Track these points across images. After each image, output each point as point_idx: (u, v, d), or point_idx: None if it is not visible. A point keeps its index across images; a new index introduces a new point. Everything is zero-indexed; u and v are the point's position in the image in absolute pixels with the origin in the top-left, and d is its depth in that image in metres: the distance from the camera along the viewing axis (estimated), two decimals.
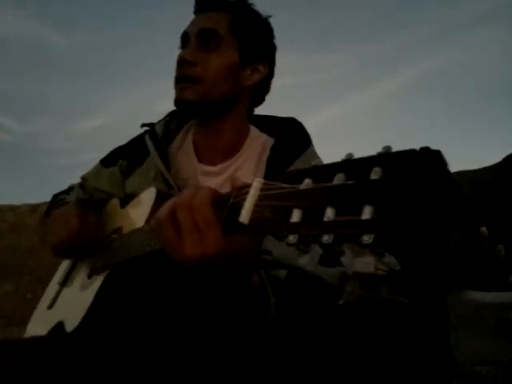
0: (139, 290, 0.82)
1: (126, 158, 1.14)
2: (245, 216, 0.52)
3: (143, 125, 1.11)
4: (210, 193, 0.59)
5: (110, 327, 0.86)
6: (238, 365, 0.79)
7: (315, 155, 1.00)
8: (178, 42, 1.04)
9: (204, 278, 0.64)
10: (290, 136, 1.01)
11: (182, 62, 0.96)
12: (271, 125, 1.06)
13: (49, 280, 1.19)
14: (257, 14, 1.05)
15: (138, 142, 1.13)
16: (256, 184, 0.54)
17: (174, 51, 1.03)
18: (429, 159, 0.40)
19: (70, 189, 1.20)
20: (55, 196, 1.20)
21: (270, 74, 1.06)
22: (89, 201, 1.05)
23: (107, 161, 1.18)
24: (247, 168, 1.00)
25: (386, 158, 0.43)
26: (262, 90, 1.07)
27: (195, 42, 0.97)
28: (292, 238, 0.46)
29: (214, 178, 1.01)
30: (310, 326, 0.77)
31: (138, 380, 0.84)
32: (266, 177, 0.96)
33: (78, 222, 0.94)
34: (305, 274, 0.80)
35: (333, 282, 0.81)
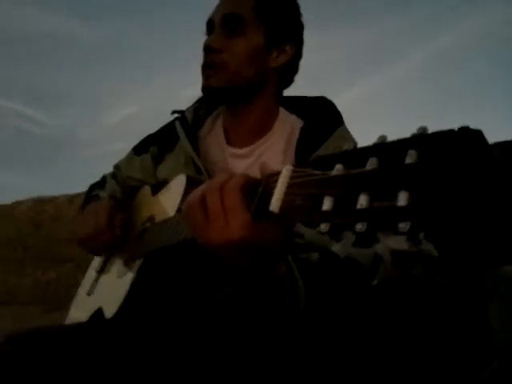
0: (171, 278, 0.83)
1: (157, 145, 1.15)
2: (275, 205, 0.51)
3: (173, 112, 1.12)
4: (240, 179, 0.59)
5: (145, 314, 0.88)
6: (271, 349, 0.79)
7: (347, 134, 0.97)
8: (203, 27, 1.03)
9: (229, 264, 0.63)
10: (319, 116, 0.98)
11: (207, 50, 0.96)
12: (301, 106, 1.03)
13: (87, 267, 1.23)
14: None
15: (168, 128, 1.13)
16: (285, 171, 0.53)
17: (200, 37, 1.03)
18: (468, 140, 0.38)
19: (104, 180, 1.22)
20: (91, 188, 1.23)
21: (298, 55, 1.04)
22: (120, 197, 1.08)
23: (139, 148, 1.20)
24: (276, 150, 0.99)
25: (422, 140, 0.41)
26: (290, 71, 1.04)
27: (220, 28, 0.97)
28: (324, 227, 0.45)
29: (243, 160, 1.01)
30: (343, 308, 0.76)
31: (173, 364, 0.86)
32: (297, 159, 0.96)
33: (106, 219, 0.97)
34: (337, 256, 0.79)
35: (366, 263, 0.80)
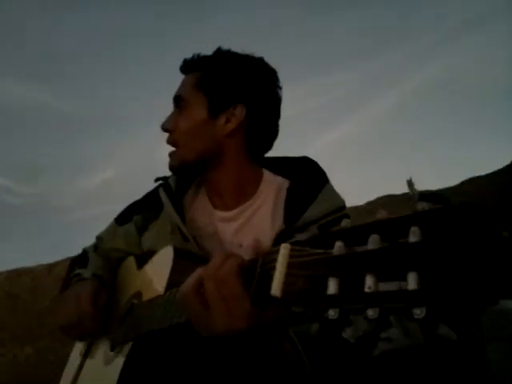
0: (166, 365, 0.78)
1: (140, 214, 1.12)
2: (276, 288, 0.49)
3: (157, 179, 1.10)
4: (235, 262, 0.56)
5: None
6: None
7: (334, 193, 0.97)
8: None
9: (231, 348, 0.60)
10: (305, 176, 0.98)
11: (163, 130, 1.02)
12: (285, 166, 1.03)
13: (69, 341, 1.15)
14: (230, 59, 1.01)
15: (152, 196, 1.12)
16: (283, 250, 0.51)
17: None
18: (470, 215, 0.37)
19: (85, 254, 1.17)
20: (71, 265, 1.18)
21: (256, 114, 0.98)
22: (103, 274, 1.04)
23: (121, 218, 1.16)
24: (264, 211, 0.98)
25: (423, 216, 0.40)
26: (254, 131, 0.99)
27: (174, 108, 1.03)
28: (333, 313, 0.42)
29: (231, 223, 0.99)
30: (344, 380, 0.72)
31: None
32: (286, 219, 0.95)
33: (89, 305, 0.93)
34: (337, 324, 0.76)
35: (367, 330, 0.77)
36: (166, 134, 1.03)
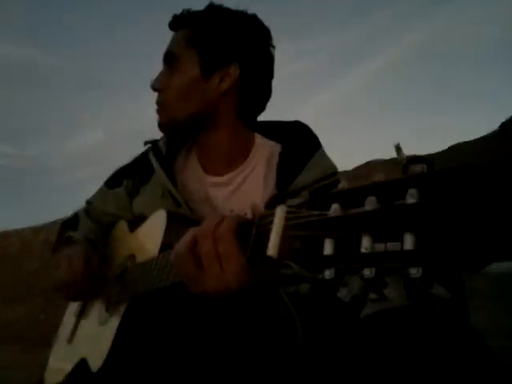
0: (161, 324, 0.79)
1: (130, 178, 1.11)
2: (272, 249, 0.49)
3: (146, 142, 1.08)
4: (232, 222, 0.56)
5: (133, 364, 0.83)
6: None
7: (326, 159, 0.96)
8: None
9: (224, 309, 0.61)
10: (297, 141, 0.97)
11: (153, 90, 0.99)
12: (277, 131, 1.01)
13: (59, 300, 1.16)
14: (223, 15, 0.97)
15: (142, 160, 1.09)
16: (279, 212, 0.51)
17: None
18: (471, 177, 0.37)
19: (76, 217, 1.17)
20: (63, 227, 1.17)
21: (249, 74, 0.95)
22: (94, 237, 1.03)
23: (112, 182, 1.15)
24: (256, 176, 0.97)
25: (423, 178, 0.40)
26: (247, 92, 0.97)
27: (164, 67, 1.00)
28: (329, 273, 0.43)
29: (223, 188, 0.98)
30: (336, 342, 0.74)
31: None
32: (278, 184, 0.95)
33: (81, 266, 0.93)
34: (327, 285, 0.78)
35: (356, 293, 0.78)
36: (155, 94, 1.00)
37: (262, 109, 1.03)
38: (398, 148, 0.60)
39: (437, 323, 0.68)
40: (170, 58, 0.98)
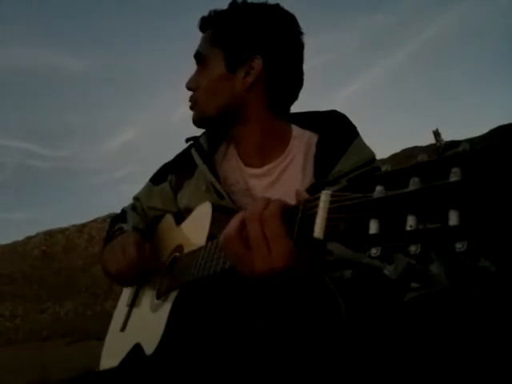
0: (212, 309, 0.83)
1: (174, 173, 1.16)
2: (319, 231, 0.52)
3: (188, 139, 1.13)
4: (278, 206, 0.59)
5: (185, 346, 0.88)
6: (312, 369, 0.79)
7: (364, 146, 0.97)
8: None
9: (272, 291, 0.64)
10: (334, 130, 0.99)
11: (188, 89, 1.06)
12: (314, 121, 1.03)
13: (103, 294, 1.23)
14: (243, 10, 1.00)
15: (184, 156, 1.15)
16: (324, 196, 0.53)
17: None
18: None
19: (124, 213, 1.23)
20: (112, 222, 1.24)
21: (274, 64, 0.97)
22: (143, 228, 1.08)
23: (156, 178, 1.21)
24: (295, 167, 0.99)
25: (465, 156, 0.41)
26: (275, 83, 0.98)
27: (197, 67, 1.06)
28: (375, 251, 0.45)
29: (263, 179, 1.01)
30: (377, 326, 0.76)
31: None
32: (316, 174, 0.97)
33: (135, 251, 0.97)
34: (371, 270, 0.79)
35: (396, 276, 0.79)
36: (188, 94, 1.05)
37: (295, 98, 1.04)
38: (437, 133, 0.61)
39: (478, 307, 0.69)
40: (199, 59, 1.04)
